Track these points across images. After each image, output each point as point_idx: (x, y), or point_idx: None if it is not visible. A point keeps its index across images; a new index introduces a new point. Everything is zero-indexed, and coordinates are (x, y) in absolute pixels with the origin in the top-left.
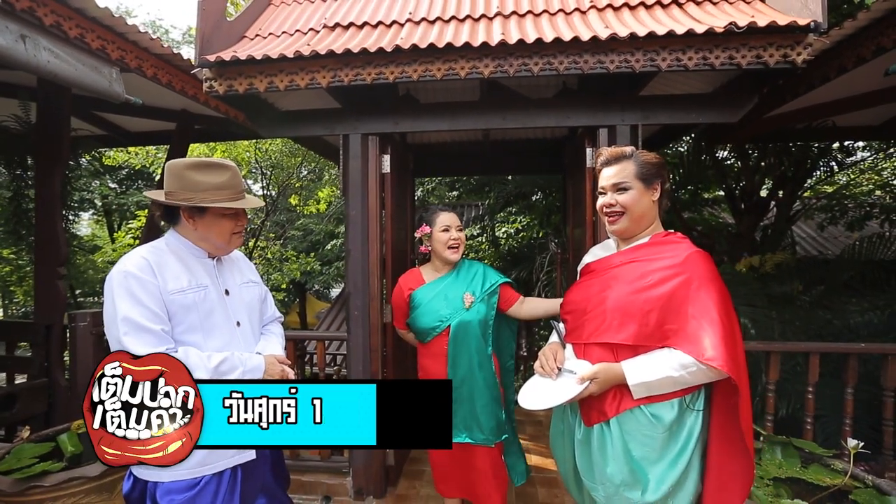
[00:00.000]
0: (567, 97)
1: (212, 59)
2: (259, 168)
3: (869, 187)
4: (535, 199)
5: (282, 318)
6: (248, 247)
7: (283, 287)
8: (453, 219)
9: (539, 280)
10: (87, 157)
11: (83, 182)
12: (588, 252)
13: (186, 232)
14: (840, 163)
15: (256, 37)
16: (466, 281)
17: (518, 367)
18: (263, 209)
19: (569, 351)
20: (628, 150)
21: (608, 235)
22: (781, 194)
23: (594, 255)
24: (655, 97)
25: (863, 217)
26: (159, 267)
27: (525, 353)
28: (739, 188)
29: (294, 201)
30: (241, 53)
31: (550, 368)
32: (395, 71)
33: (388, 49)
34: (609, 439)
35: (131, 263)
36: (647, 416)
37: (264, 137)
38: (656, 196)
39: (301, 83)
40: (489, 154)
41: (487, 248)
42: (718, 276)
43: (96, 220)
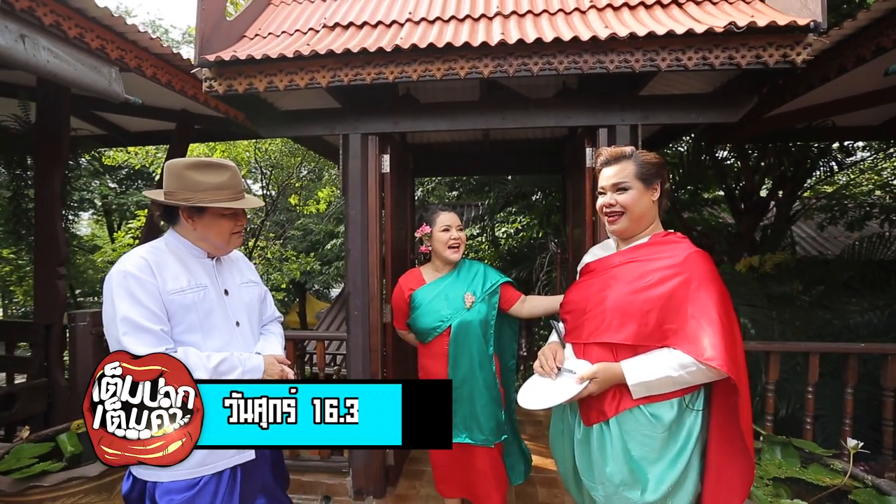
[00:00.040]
0: (567, 97)
1: (211, 58)
2: (259, 168)
3: (869, 187)
4: (534, 199)
5: (281, 318)
6: (247, 247)
7: (283, 287)
8: (454, 218)
9: (539, 280)
10: (87, 156)
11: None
12: (588, 252)
13: (186, 232)
14: (840, 163)
15: (256, 36)
16: (467, 281)
17: (518, 367)
18: (263, 209)
19: (568, 351)
20: (628, 150)
21: (608, 235)
22: (781, 194)
23: (594, 254)
24: (655, 97)
25: (863, 217)
26: (158, 267)
27: (525, 353)
28: (739, 188)
29: (294, 201)
30: (241, 53)
31: (550, 368)
32: (394, 71)
33: (387, 49)
34: (608, 439)
35: (130, 263)
36: (647, 415)
37: (264, 137)
38: (656, 196)
39: (301, 83)
40: (489, 154)
41: (487, 248)
42: (718, 276)
43: (96, 220)
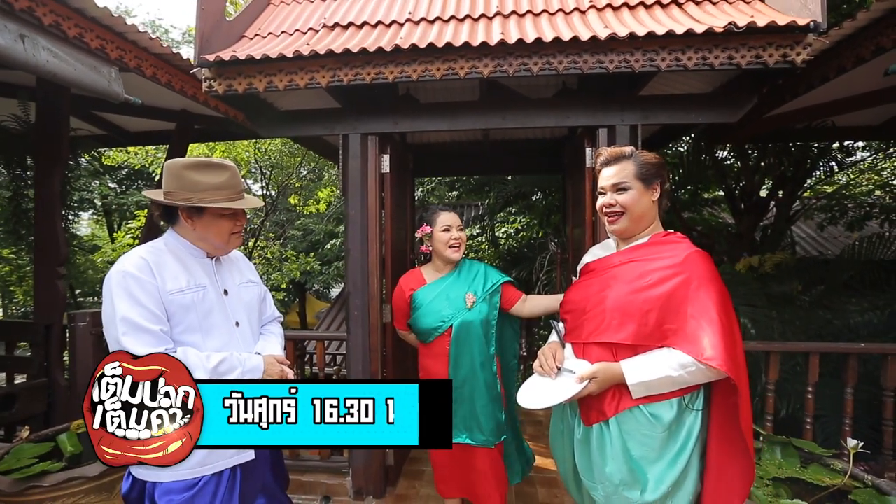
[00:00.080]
0: (566, 97)
1: (211, 58)
2: (259, 168)
3: (869, 187)
4: (534, 199)
5: (281, 318)
6: (247, 247)
7: (283, 287)
8: (454, 218)
9: (539, 280)
10: (87, 156)
11: (83, 182)
12: (588, 252)
13: (185, 232)
14: (840, 163)
15: (256, 36)
16: (468, 281)
17: (518, 367)
18: (263, 209)
19: (568, 350)
20: (628, 150)
21: (608, 235)
22: (781, 194)
23: (594, 254)
24: (655, 97)
25: (862, 217)
26: (158, 267)
27: (525, 353)
28: (739, 188)
29: (294, 201)
30: (241, 53)
31: (550, 368)
32: (394, 71)
33: (387, 49)
34: (608, 439)
35: (130, 263)
36: (647, 415)
37: (264, 137)
38: (656, 196)
39: (300, 83)
40: (489, 154)
41: (487, 248)
42: (718, 276)
43: (96, 220)
